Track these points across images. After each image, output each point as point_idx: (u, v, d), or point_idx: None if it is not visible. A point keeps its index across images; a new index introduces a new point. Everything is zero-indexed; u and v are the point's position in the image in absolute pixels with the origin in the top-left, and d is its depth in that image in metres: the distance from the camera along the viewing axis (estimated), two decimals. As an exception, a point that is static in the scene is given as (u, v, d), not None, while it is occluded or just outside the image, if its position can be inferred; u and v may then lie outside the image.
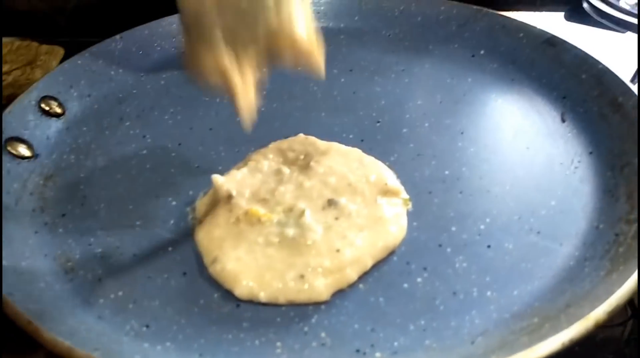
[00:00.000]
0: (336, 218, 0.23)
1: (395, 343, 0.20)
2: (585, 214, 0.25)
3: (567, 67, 0.33)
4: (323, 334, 0.20)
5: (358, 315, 0.21)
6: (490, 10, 0.39)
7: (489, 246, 0.23)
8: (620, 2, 0.61)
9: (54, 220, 0.26)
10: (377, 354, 0.19)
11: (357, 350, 0.20)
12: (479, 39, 0.38)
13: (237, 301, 0.21)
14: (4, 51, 0.63)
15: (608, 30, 0.58)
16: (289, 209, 0.23)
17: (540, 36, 0.35)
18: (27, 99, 0.32)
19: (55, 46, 0.60)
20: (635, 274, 0.18)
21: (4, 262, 0.22)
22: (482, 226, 0.24)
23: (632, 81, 0.54)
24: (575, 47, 0.33)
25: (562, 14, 0.52)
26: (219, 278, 0.22)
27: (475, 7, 0.39)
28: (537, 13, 0.52)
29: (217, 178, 0.25)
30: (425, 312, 0.21)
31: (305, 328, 0.20)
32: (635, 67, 0.46)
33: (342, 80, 0.36)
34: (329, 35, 0.40)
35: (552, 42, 0.35)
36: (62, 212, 0.27)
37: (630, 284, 0.18)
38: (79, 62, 0.36)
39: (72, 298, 0.22)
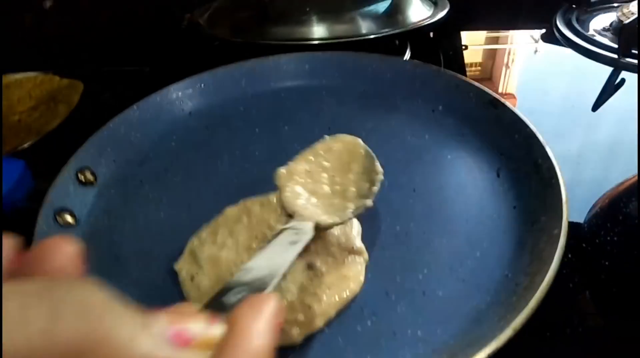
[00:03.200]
0: (310, 279, 0.31)
1: (349, 375, 0.27)
2: (501, 264, 0.32)
3: (504, 127, 0.40)
4: (297, 368, 0.28)
5: (322, 354, 0.29)
6: (448, 71, 0.45)
7: (424, 293, 0.31)
8: (589, 31, 0.66)
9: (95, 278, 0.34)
10: (335, 383, 0.27)
11: (321, 380, 0.27)
12: (437, 96, 0.45)
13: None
14: (29, 85, 0.72)
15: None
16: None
17: (485, 97, 0.42)
18: (67, 172, 0.40)
19: (75, 80, 0.68)
20: (509, 330, 0.25)
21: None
22: (420, 276, 0.32)
23: (593, 109, 0.60)
24: (511, 110, 0.40)
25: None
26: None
27: (434, 67, 0.46)
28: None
29: None
30: (371, 350, 0.28)
31: (284, 364, 0.28)
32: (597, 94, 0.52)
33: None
34: (313, 92, 0.48)
35: (494, 104, 0.41)
36: (100, 271, 0.35)
37: (504, 337, 0.25)
38: (105, 133, 0.44)
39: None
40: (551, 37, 0.67)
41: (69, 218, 0.38)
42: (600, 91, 0.59)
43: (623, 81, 0.58)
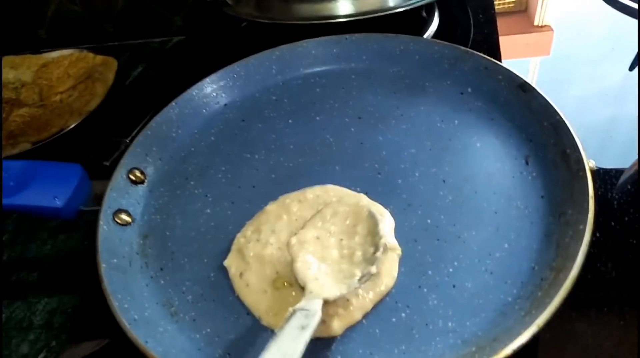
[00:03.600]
0: (347, 277, 0.33)
1: (385, 363, 0.31)
2: (528, 255, 0.34)
3: (534, 112, 0.40)
4: (339, 357, 0.32)
5: (361, 343, 0.32)
6: (476, 53, 0.45)
7: (454, 286, 0.33)
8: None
9: (156, 273, 0.38)
10: (373, 371, 0.31)
11: (360, 368, 0.31)
12: (466, 78, 0.45)
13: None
14: (66, 63, 0.74)
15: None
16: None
17: (515, 81, 0.42)
18: (120, 173, 0.43)
19: (109, 57, 0.70)
20: (534, 326, 0.28)
21: (135, 316, 0.34)
22: (450, 269, 0.34)
23: (630, 68, 0.59)
24: (541, 95, 0.40)
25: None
26: (267, 326, 0.33)
27: (463, 48, 0.46)
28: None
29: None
30: (405, 340, 0.31)
31: (327, 354, 0.32)
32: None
33: (352, 129, 0.45)
34: (342, 77, 0.49)
35: (524, 88, 0.41)
36: (160, 266, 0.39)
37: (528, 333, 0.27)
38: (149, 132, 0.46)
39: (179, 336, 0.34)
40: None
41: (126, 218, 0.41)
42: (638, 50, 0.57)
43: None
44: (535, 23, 0.65)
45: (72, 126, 0.58)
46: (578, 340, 0.34)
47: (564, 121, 0.37)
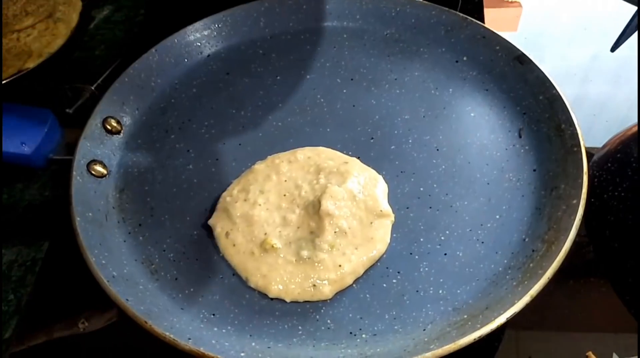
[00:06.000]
0: (339, 240, 0.33)
1: (375, 328, 0.30)
2: (519, 227, 0.34)
3: (530, 85, 0.40)
4: (329, 321, 0.31)
5: (351, 308, 0.31)
6: (475, 21, 0.44)
7: (445, 254, 0.33)
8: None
9: (134, 229, 0.36)
10: (363, 335, 0.30)
11: (350, 333, 0.30)
12: (462, 46, 0.44)
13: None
14: (23, 0, 0.68)
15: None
16: (308, 233, 0.33)
17: (512, 52, 0.42)
18: (94, 122, 0.40)
19: None
20: (527, 297, 0.28)
21: (114, 272, 0.32)
22: (442, 237, 0.34)
23: (612, 49, 0.60)
24: (538, 69, 0.40)
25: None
26: (255, 288, 0.32)
27: (461, 15, 0.45)
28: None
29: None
30: (396, 305, 0.31)
31: (317, 317, 0.31)
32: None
33: (344, 91, 0.43)
34: (334, 35, 0.47)
35: (521, 60, 0.41)
36: (138, 222, 0.37)
37: (521, 303, 0.28)
38: (126, 79, 0.43)
39: (160, 295, 0.33)
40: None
41: (101, 169, 0.39)
42: (621, 32, 0.58)
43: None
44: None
45: (31, 67, 0.53)
46: (556, 310, 0.35)
47: (560, 96, 0.37)
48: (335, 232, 0.33)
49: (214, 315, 0.32)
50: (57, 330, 0.35)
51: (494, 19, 0.61)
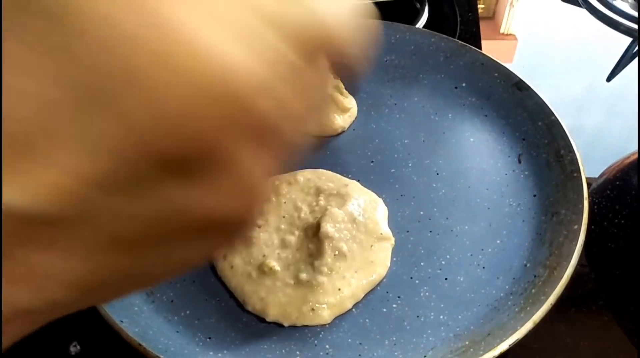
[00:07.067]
0: (338, 263, 0.32)
1: (375, 354, 0.30)
2: (520, 253, 0.34)
3: (528, 111, 0.40)
4: (327, 346, 0.30)
5: (351, 333, 0.31)
6: (473, 48, 0.45)
7: (446, 279, 0.33)
8: (615, 1, 0.65)
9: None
10: (363, 361, 0.30)
11: (349, 358, 0.30)
12: (461, 72, 0.45)
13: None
14: None
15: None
16: (308, 256, 0.32)
17: (511, 78, 0.42)
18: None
19: None
20: (530, 323, 0.28)
21: (108, 294, 0.32)
22: (443, 262, 0.34)
23: (608, 79, 0.61)
24: (537, 95, 0.40)
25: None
26: (252, 311, 0.31)
27: (460, 42, 0.45)
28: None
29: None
30: (396, 331, 0.31)
31: (315, 342, 0.30)
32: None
33: (346, 115, 0.44)
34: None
35: (520, 87, 0.41)
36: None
37: (524, 329, 0.27)
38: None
39: (156, 317, 0.32)
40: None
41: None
42: (617, 61, 0.59)
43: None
44: (501, 31, 0.66)
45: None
46: (557, 339, 0.34)
47: (559, 122, 0.38)
48: (334, 255, 0.32)
49: (209, 338, 0.31)
50: (47, 355, 0.34)
51: (490, 50, 0.62)
